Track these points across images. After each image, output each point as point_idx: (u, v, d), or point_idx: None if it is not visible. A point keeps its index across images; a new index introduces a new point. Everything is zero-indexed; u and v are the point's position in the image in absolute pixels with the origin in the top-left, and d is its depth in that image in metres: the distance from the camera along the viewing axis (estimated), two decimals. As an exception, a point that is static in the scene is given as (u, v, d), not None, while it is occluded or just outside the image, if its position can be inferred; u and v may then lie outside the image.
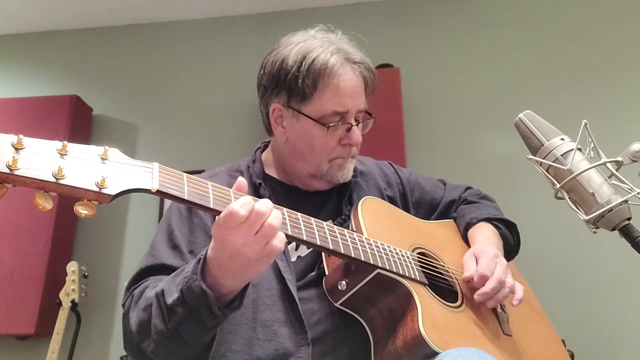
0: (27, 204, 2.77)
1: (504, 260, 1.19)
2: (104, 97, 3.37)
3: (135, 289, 1.06)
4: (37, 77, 3.48)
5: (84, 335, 2.65)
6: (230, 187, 1.16)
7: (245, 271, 0.87)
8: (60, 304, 2.53)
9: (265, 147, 1.35)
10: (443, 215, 1.44)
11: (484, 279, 1.12)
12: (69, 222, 3.03)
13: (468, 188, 1.52)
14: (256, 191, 1.21)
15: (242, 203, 0.81)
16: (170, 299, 0.91)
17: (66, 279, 2.59)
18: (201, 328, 0.92)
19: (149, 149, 3.25)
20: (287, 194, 1.25)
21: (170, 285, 0.94)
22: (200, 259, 0.90)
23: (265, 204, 0.84)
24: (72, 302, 2.54)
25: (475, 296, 1.13)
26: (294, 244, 1.17)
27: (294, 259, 1.16)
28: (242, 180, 0.89)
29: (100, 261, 2.97)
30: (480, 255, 1.18)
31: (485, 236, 1.31)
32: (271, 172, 1.29)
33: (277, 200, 1.19)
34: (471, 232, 1.35)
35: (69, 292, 2.55)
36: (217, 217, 0.83)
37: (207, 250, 0.90)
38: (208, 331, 0.94)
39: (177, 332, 0.92)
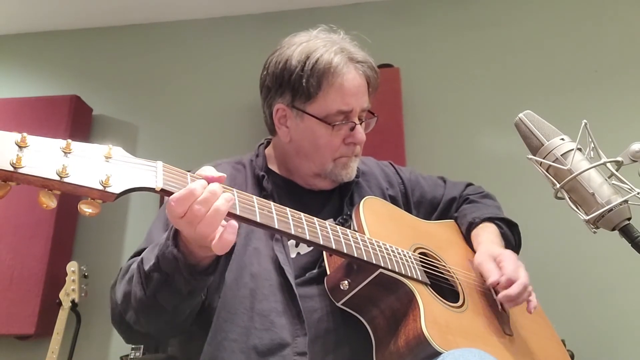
0: (27, 204, 2.78)
1: (522, 263, 1.21)
2: (104, 97, 3.37)
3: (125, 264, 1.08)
4: (37, 77, 3.48)
5: (84, 335, 2.64)
6: (233, 179, 1.15)
7: (207, 248, 0.87)
8: (60, 304, 2.54)
9: (269, 143, 1.36)
10: (444, 213, 1.45)
11: (510, 283, 1.14)
12: (69, 222, 3.03)
13: (469, 185, 1.52)
14: (259, 184, 1.22)
15: (179, 197, 0.80)
16: (148, 265, 0.93)
17: (66, 279, 2.59)
18: (177, 294, 0.94)
19: (149, 149, 3.24)
20: (289, 190, 1.25)
21: (150, 254, 0.96)
22: (173, 227, 0.91)
23: (205, 202, 0.81)
24: (72, 302, 2.54)
25: (500, 296, 1.14)
26: (293, 240, 1.17)
27: (293, 255, 1.17)
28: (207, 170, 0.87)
29: (100, 261, 2.97)
30: (502, 258, 1.19)
31: (488, 237, 1.31)
32: (274, 168, 1.30)
33: (279, 196, 1.20)
34: (474, 232, 1.36)
35: (69, 292, 2.55)
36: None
37: None
38: (185, 297, 0.95)
39: (155, 299, 0.94)
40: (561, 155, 0.91)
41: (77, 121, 3.14)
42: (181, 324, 1.04)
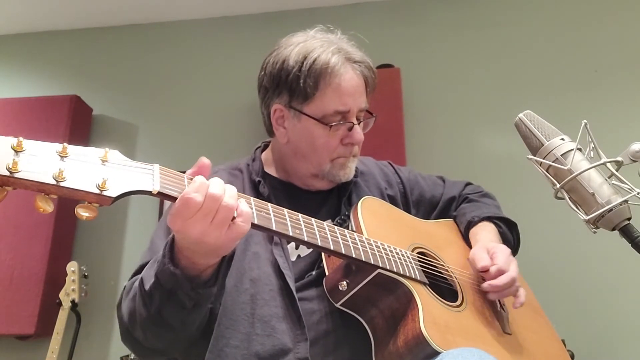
0: (27, 204, 2.77)
1: (515, 260, 1.21)
2: (104, 97, 3.36)
3: (128, 282, 1.08)
4: (37, 77, 3.48)
5: (84, 335, 2.65)
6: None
7: (214, 252, 0.87)
8: (60, 304, 2.53)
9: (266, 146, 1.36)
10: (443, 212, 1.45)
11: (500, 273, 1.14)
12: (69, 222, 3.03)
13: (468, 184, 1.52)
14: (255, 189, 1.22)
15: (195, 188, 0.80)
16: (148, 284, 0.93)
17: (66, 279, 2.59)
18: (182, 310, 0.93)
19: (148, 149, 3.25)
20: (286, 192, 1.25)
21: (149, 271, 0.95)
22: (168, 242, 0.90)
23: (218, 186, 0.82)
24: (72, 302, 2.54)
25: (485, 285, 1.15)
26: (293, 243, 1.17)
27: (293, 258, 1.16)
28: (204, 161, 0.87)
29: (100, 261, 2.97)
30: (495, 250, 1.19)
31: (486, 235, 1.31)
32: (271, 170, 1.29)
33: (277, 198, 1.20)
34: (472, 231, 1.36)
35: (69, 292, 2.55)
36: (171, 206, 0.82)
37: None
38: (190, 312, 0.95)
39: (160, 316, 0.94)
40: (561, 155, 0.91)
41: (77, 121, 3.14)
42: (193, 336, 1.04)
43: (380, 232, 1.13)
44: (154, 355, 1.08)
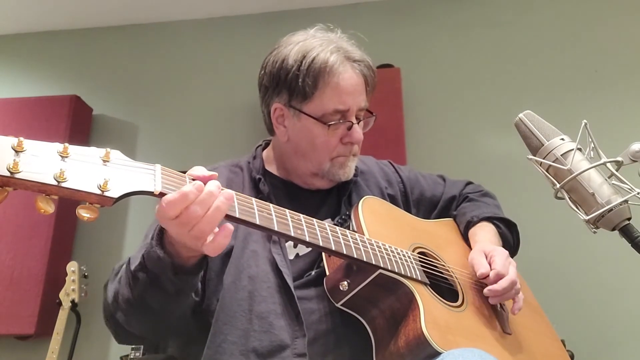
0: (27, 204, 2.77)
1: (514, 262, 1.21)
2: (104, 97, 3.37)
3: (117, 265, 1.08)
4: (37, 77, 3.48)
5: (84, 335, 2.64)
6: (230, 182, 1.15)
7: (193, 249, 0.87)
8: (60, 304, 2.53)
9: (267, 144, 1.36)
10: (444, 211, 1.44)
11: (499, 277, 1.14)
12: (69, 222, 3.03)
13: (469, 183, 1.52)
14: (256, 186, 1.22)
15: (169, 200, 0.78)
16: (134, 265, 0.94)
17: (66, 279, 2.59)
18: (164, 294, 0.94)
19: (148, 149, 3.25)
20: (286, 191, 1.25)
21: (137, 253, 0.96)
22: (157, 227, 0.91)
23: (201, 207, 0.79)
24: (72, 302, 2.53)
25: (486, 291, 1.14)
26: (291, 241, 1.17)
27: (292, 256, 1.17)
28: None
29: (100, 261, 2.97)
30: (493, 254, 1.19)
31: (485, 236, 1.31)
32: (271, 169, 1.30)
33: (277, 197, 1.20)
34: (472, 231, 1.36)
35: (69, 292, 2.55)
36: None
37: None
38: (173, 298, 0.95)
39: (142, 299, 0.94)
40: (561, 155, 0.91)
41: (77, 121, 3.14)
42: (173, 325, 1.05)
43: (381, 232, 1.13)
44: (134, 340, 1.09)
